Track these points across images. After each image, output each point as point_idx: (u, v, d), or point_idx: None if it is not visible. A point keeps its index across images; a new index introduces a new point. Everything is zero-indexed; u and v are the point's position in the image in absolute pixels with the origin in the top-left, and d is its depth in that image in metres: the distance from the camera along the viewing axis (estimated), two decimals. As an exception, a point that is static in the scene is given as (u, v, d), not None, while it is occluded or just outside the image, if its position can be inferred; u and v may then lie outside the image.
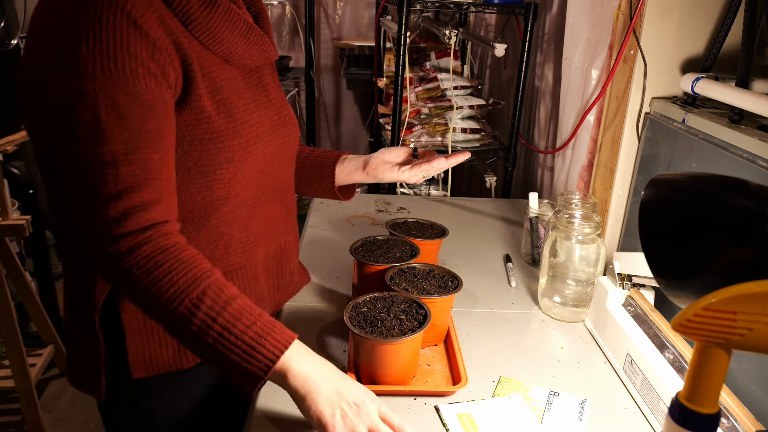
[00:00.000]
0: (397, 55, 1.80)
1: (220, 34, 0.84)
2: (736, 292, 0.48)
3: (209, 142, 0.84)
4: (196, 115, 0.82)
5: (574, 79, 1.53)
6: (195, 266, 0.76)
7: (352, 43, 3.28)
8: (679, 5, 1.16)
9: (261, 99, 0.94)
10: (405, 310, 0.94)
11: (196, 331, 0.74)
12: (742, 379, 0.91)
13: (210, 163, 0.85)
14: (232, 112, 0.86)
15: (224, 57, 0.86)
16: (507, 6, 1.80)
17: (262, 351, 0.75)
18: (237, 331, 0.74)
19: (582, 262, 1.13)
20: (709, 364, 0.53)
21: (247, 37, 0.88)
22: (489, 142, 2.04)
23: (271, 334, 0.76)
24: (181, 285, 0.74)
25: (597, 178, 1.42)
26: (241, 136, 0.88)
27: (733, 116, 1.01)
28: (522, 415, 0.89)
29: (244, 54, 0.89)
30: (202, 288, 0.75)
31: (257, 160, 0.91)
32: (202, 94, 0.82)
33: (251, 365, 0.74)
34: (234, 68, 0.89)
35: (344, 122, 3.63)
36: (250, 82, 0.92)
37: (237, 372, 0.75)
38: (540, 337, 1.11)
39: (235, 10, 0.86)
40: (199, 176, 0.85)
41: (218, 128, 0.84)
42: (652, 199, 0.64)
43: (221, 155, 0.86)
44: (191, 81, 0.81)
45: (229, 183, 0.88)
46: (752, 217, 0.57)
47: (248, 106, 0.90)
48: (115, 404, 0.95)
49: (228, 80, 0.87)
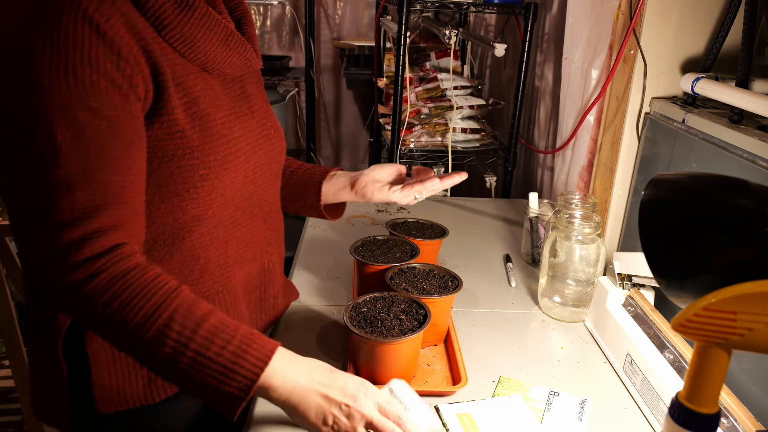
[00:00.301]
0: (397, 55, 1.80)
1: (196, 41, 0.78)
2: (736, 292, 0.48)
3: (182, 158, 0.77)
4: (168, 128, 0.76)
5: (574, 79, 1.53)
6: (159, 288, 0.70)
7: (352, 43, 3.27)
8: (679, 5, 1.16)
9: (242, 110, 0.88)
10: (405, 310, 0.94)
11: (168, 358, 0.69)
12: (742, 379, 0.91)
13: (183, 181, 0.78)
14: (208, 125, 0.80)
15: (202, 65, 0.80)
16: (507, 6, 1.80)
17: (240, 371, 0.70)
18: (211, 353, 0.69)
19: (582, 262, 1.13)
20: (709, 364, 0.53)
21: (227, 45, 0.82)
22: (489, 142, 2.04)
23: (249, 352, 0.71)
24: (146, 312, 0.69)
25: (597, 178, 1.42)
26: (218, 151, 0.81)
27: (733, 116, 1.01)
28: (522, 415, 0.89)
29: (224, 62, 0.82)
30: (170, 312, 0.69)
31: (236, 176, 0.85)
32: (176, 105, 0.76)
33: (230, 387, 0.69)
34: (213, 77, 0.83)
35: (344, 122, 3.63)
36: (231, 93, 0.86)
37: (216, 396, 0.70)
38: (540, 337, 1.11)
39: (213, 15, 0.80)
40: (170, 195, 0.79)
41: (192, 143, 0.78)
42: (652, 199, 0.64)
43: (195, 172, 0.79)
44: (163, 92, 0.74)
45: (205, 202, 0.81)
46: (752, 217, 0.57)
47: (227, 118, 0.84)
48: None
49: (205, 90, 0.80)
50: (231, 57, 0.83)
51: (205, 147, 0.79)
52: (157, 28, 0.74)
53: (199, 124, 0.78)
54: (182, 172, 0.78)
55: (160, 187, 0.78)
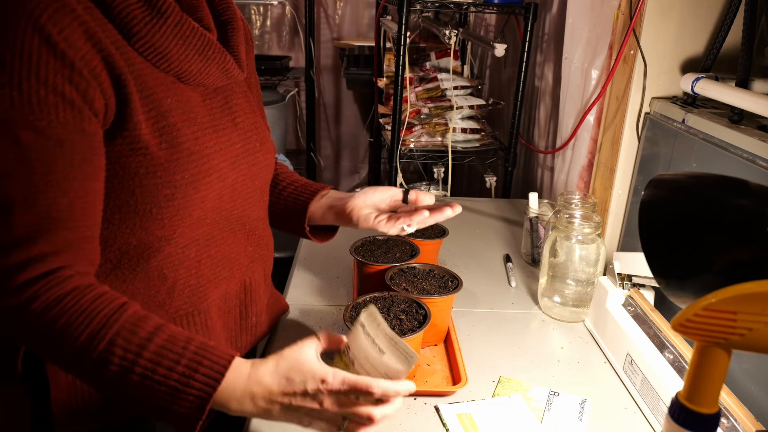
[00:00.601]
0: (397, 55, 1.80)
1: (168, 51, 0.72)
2: (736, 292, 0.48)
3: (145, 177, 0.72)
4: (130, 144, 0.71)
5: (574, 79, 1.53)
6: (100, 311, 0.66)
7: (352, 43, 3.27)
8: (679, 5, 1.16)
9: (223, 124, 0.82)
10: (405, 310, 0.94)
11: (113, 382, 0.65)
12: (742, 379, 0.91)
13: (145, 201, 0.73)
14: (177, 141, 0.74)
15: (177, 76, 0.75)
16: (507, 6, 1.80)
17: (192, 392, 0.65)
18: (159, 377, 0.65)
19: (582, 262, 1.13)
20: (709, 364, 0.53)
21: (204, 54, 0.76)
22: (489, 142, 2.04)
23: (199, 371, 0.66)
24: (86, 337, 0.64)
25: (597, 178, 1.42)
26: (186, 169, 0.75)
27: (733, 116, 1.01)
28: (522, 415, 0.89)
29: (201, 73, 0.77)
30: (112, 334, 0.65)
31: (208, 195, 0.79)
32: (140, 120, 0.71)
33: (184, 408, 0.65)
34: (191, 89, 0.78)
35: (344, 122, 3.63)
36: (212, 105, 0.81)
37: (169, 417, 0.66)
38: (540, 337, 1.11)
39: (189, 23, 0.74)
40: (132, 215, 0.74)
41: (157, 160, 0.72)
42: (652, 199, 0.64)
43: (159, 192, 0.73)
44: (126, 105, 0.69)
45: (171, 222, 0.76)
46: (752, 217, 0.57)
47: (202, 132, 0.78)
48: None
49: (178, 103, 0.75)
50: (209, 68, 0.78)
51: (171, 165, 0.74)
52: (126, 36, 0.70)
53: (166, 140, 0.73)
54: (144, 192, 0.73)
55: (120, 206, 0.73)
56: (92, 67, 0.66)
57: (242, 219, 0.88)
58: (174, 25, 0.73)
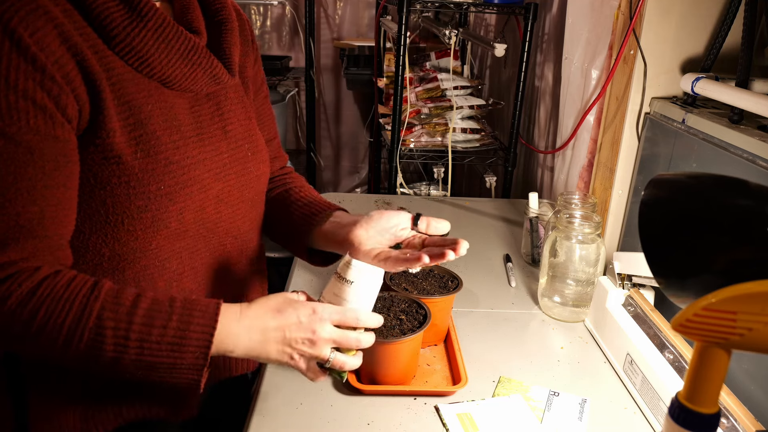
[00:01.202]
0: (397, 55, 1.80)
1: (149, 55, 0.70)
2: (736, 292, 0.48)
3: (117, 187, 0.70)
4: (102, 153, 0.68)
5: (574, 79, 1.53)
6: (76, 294, 0.65)
7: (352, 43, 3.27)
8: (679, 5, 1.16)
9: (211, 132, 0.79)
10: (405, 310, 0.94)
11: (113, 358, 0.65)
12: (742, 379, 0.91)
13: (116, 212, 0.71)
14: (154, 150, 0.72)
15: (161, 81, 0.73)
16: (507, 6, 1.80)
17: (191, 342, 0.66)
18: (156, 337, 0.65)
19: (582, 262, 1.13)
20: (709, 364, 0.53)
21: (189, 59, 0.73)
22: (489, 142, 2.04)
23: (192, 321, 0.67)
24: (71, 323, 0.64)
25: (597, 178, 1.42)
26: (162, 180, 0.72)
27: (733, 116, 1.01)
28: (522, 415, 0.89)
29: (187, 78, 0.74)
30: (97, 313, 0.64)
31: (189, 206, 0.76)
32: (114, 128, 0.68)
33: (187, 359, 0.66)
34: (178, 95, 0.75)
35: (344, 122, 3.63)
36: (200, 112, 0.78)
37: (175, 373, 0.67)
38: (540, 337, 1.11)
39: (172, 26, 0.72)
40: (102, 225, 0.72)
41: (131, 170, 0.70)
42: (652, 199, 0.64)
43: (132, 203, 0.71)
44: (100, 112, 0.67)
45: (145, 234, 0.73)
46: (752, 217, 0.57)
47: (185, 142, 0.75)
48: None
49: (160, 110, 0.72)
50: (195, 73, 0.75)
51: (145, 175, 0.71)
52: (105, 39, 0.68)
53: (142, 149, 0.71)
54: (116, 202, 0.71)
55: (91, 216, 0.71)
56: (66, 72, 0.64)
57: (232, 231, 0.84)
58: (155, 29, 0.70)
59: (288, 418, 0.86)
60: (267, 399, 0.90)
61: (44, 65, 0.62)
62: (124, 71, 0.70)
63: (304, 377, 0.72)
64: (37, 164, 0.64)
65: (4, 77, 0.61)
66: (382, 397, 0.91)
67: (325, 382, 0.94)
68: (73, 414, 0.78)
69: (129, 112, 0.70)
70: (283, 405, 0.88)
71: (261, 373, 0.96)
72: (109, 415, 0.80)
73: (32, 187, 0.64)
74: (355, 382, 0.91)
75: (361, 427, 0.85)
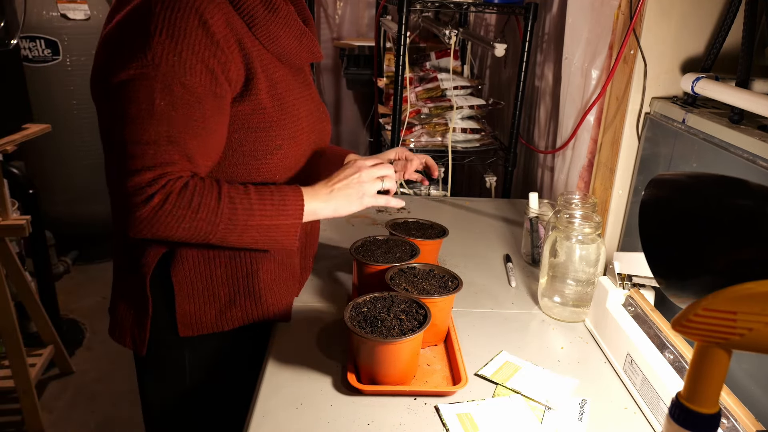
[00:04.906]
0: (397, 55, 1.80)
1: (278, 36, 0.95)
2: (736, 292, 0.48)
3: (262, 131, 0.96)
4: (253, 106, 0.93)
5: (574, 79, 1.53)
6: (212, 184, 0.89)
7: (352, 43, 3.28)
8: (679, 5, 1.16)
9: (306, 95, 1.05)
10: (405, 310, 0.94)
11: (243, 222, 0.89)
12: (742, 379, 0.91)
13: (262, 149, 0.96)
14: (284, 105, 0.97)
15: (278, 56, 0.97)
16: (507, 6, 1.80)
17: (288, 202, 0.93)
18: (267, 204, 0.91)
19: (582, 262, 1.13)
20: (709, 364, 0.53)
21: (300, 40, 0.99)
22: (489, 142, 2.04)
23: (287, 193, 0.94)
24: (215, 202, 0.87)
25: (597, 178, 1.42)
26: (290, 126, 0.99)
27: (733, 116, 1.01)
28: (522, 416, 0.89)
29: (296, 55, 0.99)
30: (227, 195, 0.89)
31: (299, 149, 1.02)
32: (261, 88, 0.93)
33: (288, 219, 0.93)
34: (285, 66, 0.99)
35: (344, 122, 3.63)
36: (298, 80, 1.03)
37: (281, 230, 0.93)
38: (540, 337, 1.11)
39: (293, 15, 0.97)
40: (251, 160, 0.97)
41: (271, 118, 0.96)
42: (652, 199, 0.64)
43: (272, 142, 0.97)
44: (252, 77, 0.92)
45: (275, 167, 0.99)
46: (752, 217, 0.57)
47: (297, 100, 1.01)
48: (152, 357, 1.05)
49: (282, 77, 0.98)
50: (302, 51, 1.00)
51: (280, 122, 0.97)
52: (249, 24, 0.91)
53: (278, 103, 0.96)
54: (262, 142, 0.96)
55: (244, 153, 0.96)
56: (230, 46, 0.88)
57: (308, 173, 1.08)
58: (284, 17, 0.95)
59: (288, 418, 0.86)
60: (267, 399, 0.90)
61: (218, 39, 0.86)
62: (259, 48, 0.94)
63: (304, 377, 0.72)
64: (201, 109, 0.87)
65: (191, 44, 0.84)
66: (382, 397, 0.91)
67: (325, 382, 0.94)
68: (211, 309, 1.02)
69: (267, 77, 0.95)
70: (283, 405, 0.88)
71: (261, 373, 0.96)
72: (236, 315, 1.05)
73: (196, 128, 0.87)
74: (355, 382, 0.91)
75: (361, 427, 0.85)
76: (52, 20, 2.82)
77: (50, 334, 2.29)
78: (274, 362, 0.98)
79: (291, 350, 1.02)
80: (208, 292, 1.02)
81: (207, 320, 1.03)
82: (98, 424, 2.18)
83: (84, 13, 2.88)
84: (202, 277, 1.01)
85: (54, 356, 2.33)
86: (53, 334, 2.30)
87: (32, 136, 2.04)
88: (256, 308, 1.06)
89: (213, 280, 1.02)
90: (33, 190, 2.32)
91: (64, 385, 2.36)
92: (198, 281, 1.00)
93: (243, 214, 0.89)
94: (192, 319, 1.01)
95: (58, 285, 2.57)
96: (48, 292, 2.43)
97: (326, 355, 1.01)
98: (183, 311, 1.00)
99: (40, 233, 2.31)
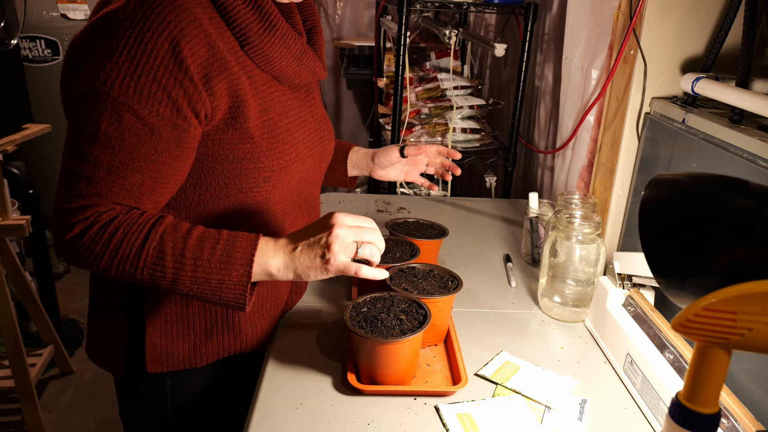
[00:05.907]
0: (397, 55, 1.80)
1: (273, 57, 0.86)
2: (736, 292, 0.48)
3: (250, 162, 0.87)
4: (240, 134, 0.84)
5: (574, 79, 1.53)
6: (145, 222, 0.79)
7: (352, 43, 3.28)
8: (679, 5, 1.16)
9: (305, 114, 0.97)
10: (405, 310, 0.94)
11: (173, 272, 0.78)
12: (742, 379, 0.91)
13: (248, 182, 0.88)
14: (275, 132, 0.88)
15: (274, 76, 0.89)
16: (507, 6, 1.80)
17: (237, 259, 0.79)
18: (206, 254, 0.78)
19: (582, 262, 1.13)
20: (709, 364, 0.53)
21: (300, 60, 0.90)
22: (489, 142, 2.04)
23: (237, 244, 0.79)
24: (140, 243, 0.77)
25: (597, 178, 1.42)
26: (281, 156, 0.90)
27: (733, 116, 1.01)
28: (522, 416, 0.89)
29: (294, 75, 0.91)
30: (159, 235, 0.78)
31: (293, 178, 0.94)
32: (250, 115, 0.84)
33: (233, 276, 0.79)
34: (283, 85, 0.92)
35: (344, 122, 3.63)
36: (298, 97, 0.96)
37: (225, 288, 0.79)
38: (540, 337, 1.11)
39: (292, 33, 0.88)
40: (236, 192, 0.88)
41: (260, 148, 0.87)
42: (652, 199, 0.64)
43: (259, 174, 0.88)
44: (240, 104, 0.83)
45: (264, 200, 0.91)
46: (752, 217, 0.57)
47: (292, 124, 0.93)
48: (131, 379, 0.98)
49: (277, 98, 0.89)
50: (301, 71, 0.92)
51: (270, 153, 0.88)
52: (241, 44, 0.83)
53: (267, 130, 0.87)
54: (248, 174, 0.87)
55: (227, 185, 0.87)
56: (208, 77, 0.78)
57: (308, 197, 1.03)
58: (281, 36, 0.86)
59: (288, 418, 0.86)
60: (267, 399, 0.90)
61: (189, 69, 0.76)
62: (252, 68, 0.85)
63: (304, 377, 0.72)
64: (153, 143, 0.78)
65: (154, 71, 0.75)
66: (382, 397, 0.91)
67: (325, 382, 0.94)
68: (184, 344, 0.94)
69: (260, 100, 0.86)
70: (283, 405, 0.88)
71: (261, 373, 0.96)
72: (211, 349, 0.96)
73: (143, 161, 0.78)
74: (355, 382, 0.91)
75: (361, 427, 0.85)
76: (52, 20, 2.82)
77: (50, 334, 2.29)
78: (274, 362, 0.98)
79: (291, 350, 1.02)
80: (182, 324, 0.93)
81: (179, 355, 0.94)
82: (98, 424, 2.18)
83: (84, 13, 2.89)
84: (177, 308, 0.92)
85: (54, 356, 2.33)
86: (53, 333, 2.30)
87: (32, 136, 2.04)
88: (234, 342, 0.98)
89: (189, 311, 0.93)
90: (33, 190, 2.32)
91: (64, 385, 2.36)
92: (172, 312, 0.92)
93: (172, 260, 0.77)
94: (162, 353, 0.93)
95: (58, 285, 2.57)
96: (48, 292, 2.44)
97: (326, 355, 1.01)
98: (153, 344, 0.92)
99: (40, 233, 2.31)
